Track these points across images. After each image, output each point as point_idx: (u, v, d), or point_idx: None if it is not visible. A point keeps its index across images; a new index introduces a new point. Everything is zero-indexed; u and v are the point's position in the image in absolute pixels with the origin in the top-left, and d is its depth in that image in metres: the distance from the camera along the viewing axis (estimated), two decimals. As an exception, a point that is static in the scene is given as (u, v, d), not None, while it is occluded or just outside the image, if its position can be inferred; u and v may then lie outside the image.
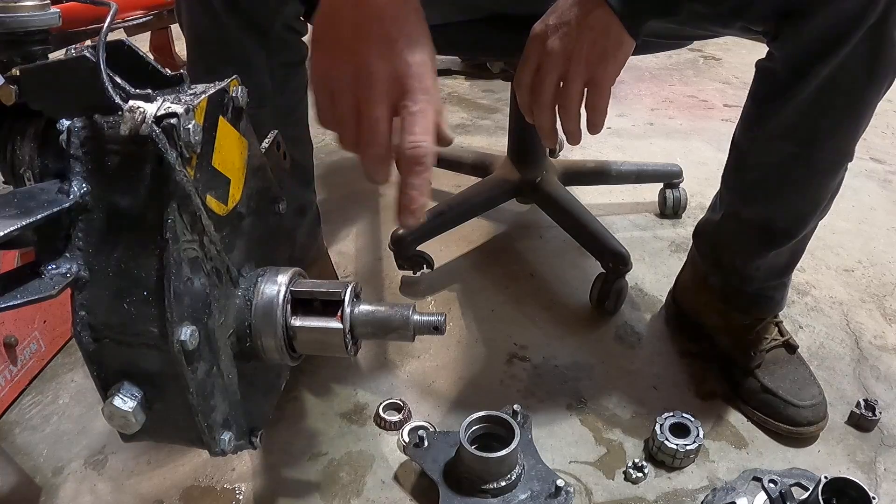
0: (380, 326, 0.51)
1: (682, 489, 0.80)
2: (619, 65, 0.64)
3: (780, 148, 0.78)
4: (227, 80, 0.47)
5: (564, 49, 0.63)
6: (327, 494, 0.79)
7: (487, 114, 2.00)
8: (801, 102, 0.73)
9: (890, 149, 1.77)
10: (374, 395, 0.94)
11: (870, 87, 0.70)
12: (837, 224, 1.37)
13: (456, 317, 1.10)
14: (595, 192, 1.47)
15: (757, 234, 0.85)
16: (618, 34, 0.62)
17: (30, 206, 0.39)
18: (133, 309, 0.42)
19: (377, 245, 1.30)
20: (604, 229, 1.14)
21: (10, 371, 0.91)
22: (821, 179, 0.79)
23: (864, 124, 0.75)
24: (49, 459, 0.84)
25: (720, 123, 1.94)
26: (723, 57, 2.62)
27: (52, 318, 0.99)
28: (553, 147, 0.65)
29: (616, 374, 0.97)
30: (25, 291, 0.39)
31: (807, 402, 0.86)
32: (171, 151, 0.39)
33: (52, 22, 0.47)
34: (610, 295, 1.08)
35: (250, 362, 0.52)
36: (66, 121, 0.41)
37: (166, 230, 0.41)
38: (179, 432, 0.47)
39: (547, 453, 0.83)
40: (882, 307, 1.13)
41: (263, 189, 0.54)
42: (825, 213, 0.84)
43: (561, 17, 0.64)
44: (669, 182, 1.40)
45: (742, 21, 0.73)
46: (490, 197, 1.27)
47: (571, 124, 0.66)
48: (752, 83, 0.80)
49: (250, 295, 0.50)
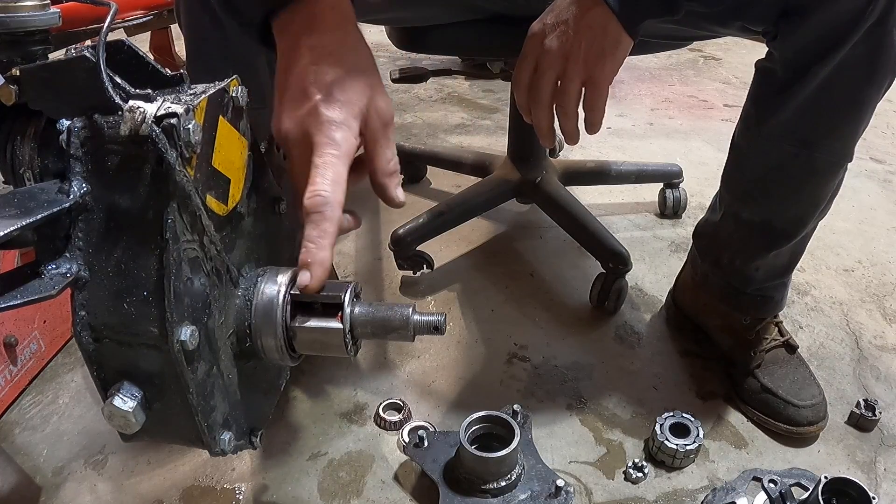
0: (380, 326, 0.51)
1: (682, 489, 0.80)
2: (616, 64, 0.64)
3: (780, 148, 0.77)
4: (227, 80, 0.47)
5: (562, 48, 0.63)
6: (327, 494, 0.79)
7: (487, 114, 2.00)
8: (800, 103, 0.73)
9: (890, 149, 1.78)
10: (374, 395, 0.94)
11: (869, 88, 0.70)
12: (837, 224, 1.37)
13: (456, 317, 1.10)
14: (595, 192, 1.47)
15: (756, 235, 0.85)
16: (615, 33, 0.62)
17: (30, 206, 0.39)
18: (133, 309, 0.42)
19: (377, 245, 1.30)
20: (604, 229, 1.14)
21: (10, 371, 0.91)
22: (820, 180, 0.79)
23: (863, 125, 0.74)
24: (49, 459, 0.84)
25: (720, 123, 1.94)
26: (723, 57, 2.62)
27: (52, 318, 0.99)
28: (552, 147, 0.66)
29: (616, 374, 0.97)
30: (25, 291, 0.39)
31: (807, 402, 0.86)
32: (171, 151, 0.39)
33: (52, 22, 0.47)
34: (610, 295, 1.08)
35: (250, 362, 0.52)
36: (66, 121, 0.41)
37: (166, 230, 0.41)
38: (179, 432, 0.47)
39: (547, 453, 0.83)
40: (882, 307, 1.13)
41: (264, 189, 0.54)
42: (825, 214, 0.84)
43: (559, 16, 0.63)
44: (669, 182, 1.40)
45: (741, 21, 0.73)
46: (490, 197, 1.27)
47: (569, 124, 0.66)
48: (752, 83, 0.80)
49: (250, 295, 0.50)
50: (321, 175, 0.48)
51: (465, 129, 1.91)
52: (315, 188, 0.47)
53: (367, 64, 0.53)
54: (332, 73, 0.50)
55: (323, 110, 0.49)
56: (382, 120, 0.53)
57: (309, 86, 0.50)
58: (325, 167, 0.48)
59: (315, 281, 0.48)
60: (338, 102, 0.50)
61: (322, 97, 0.49)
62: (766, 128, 0.78)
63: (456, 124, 1.94)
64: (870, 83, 0.70)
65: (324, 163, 0.48)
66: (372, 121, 0.52)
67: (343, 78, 0.50)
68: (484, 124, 1.94)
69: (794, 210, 0.82)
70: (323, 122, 0.49)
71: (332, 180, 0.48)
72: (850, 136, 0.75)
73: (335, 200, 0.48)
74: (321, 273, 0.48)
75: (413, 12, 0.94)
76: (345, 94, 0.50)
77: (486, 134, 1.86)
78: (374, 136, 0.53)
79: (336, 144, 0.49)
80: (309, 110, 0.49)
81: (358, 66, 0.52)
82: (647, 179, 1.42)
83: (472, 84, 2.29)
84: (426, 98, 2.16)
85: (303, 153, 0.50)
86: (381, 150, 0.53)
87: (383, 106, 0.52)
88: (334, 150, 0.48)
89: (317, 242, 0.48)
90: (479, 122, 1.96)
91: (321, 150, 0.48)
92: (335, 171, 0.48)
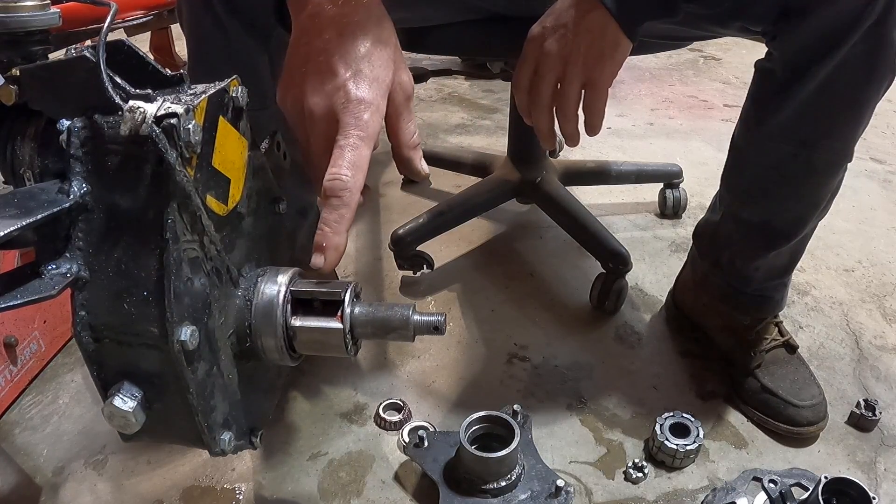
0: (380, 326, 0.51)
1: (682, 489, 0.80)
2: (616, 66, 0.64)
3: (779, 148, 0.78)
4: (227, 80, 0.47)
5: (561, 51, 0.63)
6: (327, 494, 0.79)
7: (487, 114, 2.00)
8: (799, 103, 0.73)
9: (890, 149, 1.78)
10: (374, 395, 0.94)
11: (868, 88, 0.70)
12: (837, 224, 1.37)
13: (456, 317, 1.10)
14: (595, 192, 1.47)
15: (756, 235, 0.85)
16: (614, 36, 0.62)
17: (30, 206, 0.39)
18: (133, 309, 0.42)
19: (377, 245, 1.30)
20: (604, 229, 1.14)
21: (10, 371, 0.91)
22: (819, 180, 0.79)
23: (863, 125, 0.75)
24: (49, 459, 0.84)
25: (720, 123, 1.94)
26: (723, 57, 2.62)
27: (52, 318, 0.99)
28: (553, 149, 0.66)
29: (616, 374, 0.97)
30: (25, 291, 0.39)
31: (807, 402, 0.86)
32: (171, 151, 0.39)
33: (52, 22, 0.47)
34: (610, 295, 1.08)
35: (250, 362, 0.52)
36: (66, 121, 0.41)
37: (166, 230, 0.41)
38: (179, 432, 0.47)
39: (547, 453, 0.83)
40: (882, 307, 1.13)
41: (264, 189, 0.54)
42: (825, 214, 0.84)
43: (558, 19, 0.64)
44: (669, 182, 1.40)
45: (741, 21, 0.73)
46: (490, 197, 1.27)
47: (569, 126, 0.66)
48: (751, 83, 0.80)
49: (250, 295, 0.51)
50: (344, 158, 0.47)
51: (465, 130, 1.91)
52: (336, 171, 0.47)
53: (389, 35, 0.51)
54: (359, 47, 0.49)
55: (352, 88, 0.48)
56: (405, 94, 0.52)
57: (336, 60, 0.48)
58: (349, 150, 0.47)
59: (328, 265, 0.48)
60: (366, 80, 0.48)
61: (350, 74, 0.48)
62: (765, 128, 0.78)
63: (456, 124, 1.94)
64: (869, 83, 0.70)
65: (348, 145, 0.47)
66: (396, 95, 0.51)
67: (371, 52, 0.49)
68: (484, 124, 1.94)
69: (793, 210, 0.82)
70: (352, 101, 0.48)
71: (354, 164, 0.47)
72: (849, 136, 0.75)
73: (355, 186, 0.47)
74: (335, 257, 0.48)
75: (413, 12, 0.94)
76: (373, 70, 0.49)
77: (486, 134, 1.86)
78: (397, 110, 0.52)
79: (363, 126, 0.48)
80: (337, 87, 0.48)
81: (382, 38, 0.50)
82: (647, 179, 1.42)
83: (472, 84, 2.29)
84: (426, 98, 2.16)
85: (326, 130, 0.49)
86: (405, 125, 0.53)
87: (406, 79, 0.52)
88: (360, 133, 0.48)
89: (333, 227, 0.48)
90: (479, 123, 1.96)
91: (347, 130, 0.47)
92: (359, 154, 0.47)
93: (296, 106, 0.50)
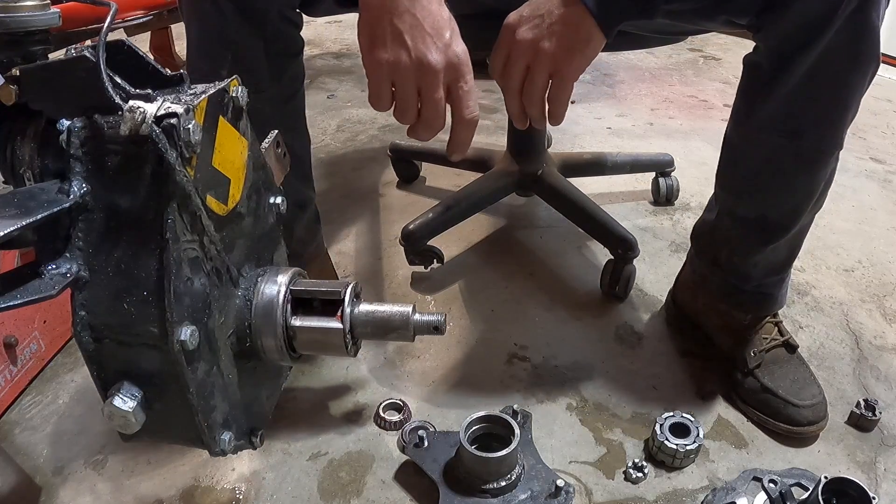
0: (380, 326, 0.51)
1: (682, 489, 0.80)
2: (585, 61, 0.67)
3: (768, 140, 0.78)
4: (227, 80, 0.47)
5: (533, 41, 0.66)
6: (327, 494, 0.79)
7: (487, 113, 2.00)
8: (786, 93, 0.73)
9: (890, 149, 1.78)
10: (374, 395, 0.94)
11: (853, 75, 0.71)
12: (837, 224, 1.37)
13: (456, 317, 1.10)
14: (594, 192, 1.47)
15: (752, 230, 0.86)
16: (588, 31, 0.65)
17: (30, 206, 0.39)
18: (133, 309, 0.42)
19: (377, 245, 1.30)
20: (609, 217, 1.15)
21: (10, 371, 0.91)
22: (811, 169, 0.79)
23: (850, 113, 0.75)
24: (49, 459, 0.84)
25: (720, 123, 1.93)
26: (723, 57, 2.62)
27: (52, 318, 0.99)
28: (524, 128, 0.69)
29: (616, 374, 0.97)
30: (25, 291, 0.39)
31: (807, 402, 0.86)
32: (171, 151, 0.39)
33: (52, 22, 0.47)
34: (620, 281, 1.10)
35: (250, 362, 0.52)
36: (66, 121, 0.41)
37: (166, 230, 0.41)
38: (179, 432, 0.47)
39: (547, 453, 0.83)
40: (882, 307, 1.13)
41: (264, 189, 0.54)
42: (820, 206, 0.84)
43: (535, 9, 0.66)
44: (662, 171, 1.45)
45: (725, 14, 0.73)
46: (494, 190, 1.28)
47: (534, 111, 0.70)
48: (741, 78, 0.81)
49: (250, 295, 0.51)
50: (472, 98, 0.62)
51: (465, 129, 1.90)
52: (471, 108, 0.62)
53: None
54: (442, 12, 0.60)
55: (456, 46, 0.60)
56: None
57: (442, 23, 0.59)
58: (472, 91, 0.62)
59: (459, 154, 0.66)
60: (459, 37, 0.60)
61: (449, 34, 0.59)
62: (755, 121, 0.78)
63: (456, 124, 1.94)
64: (853, 70, 0.70)
65: (470, 88, 0.61)
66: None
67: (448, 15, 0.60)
68: (484, 124, 1.94)
69: (787, 202, 0.82)
70: (461, 53, 0.60)
71: (476, 101, 0.62)
72: (838, 124, 0.76)
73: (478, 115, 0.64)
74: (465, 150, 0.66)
75: None
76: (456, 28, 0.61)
77: (486, 133, 1.86)
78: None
79: (470, 72, 0.61)
80: (447, 44, 0.59)
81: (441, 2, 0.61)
82: (641, 169, 1.48)
83: (472, 84, 2.29)
84: (426, 98, 2.15)
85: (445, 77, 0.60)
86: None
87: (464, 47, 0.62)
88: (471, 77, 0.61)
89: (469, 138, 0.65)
90: (479, 122, 1.95)
91: (467, 77, 0.61)
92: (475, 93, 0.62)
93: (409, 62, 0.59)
